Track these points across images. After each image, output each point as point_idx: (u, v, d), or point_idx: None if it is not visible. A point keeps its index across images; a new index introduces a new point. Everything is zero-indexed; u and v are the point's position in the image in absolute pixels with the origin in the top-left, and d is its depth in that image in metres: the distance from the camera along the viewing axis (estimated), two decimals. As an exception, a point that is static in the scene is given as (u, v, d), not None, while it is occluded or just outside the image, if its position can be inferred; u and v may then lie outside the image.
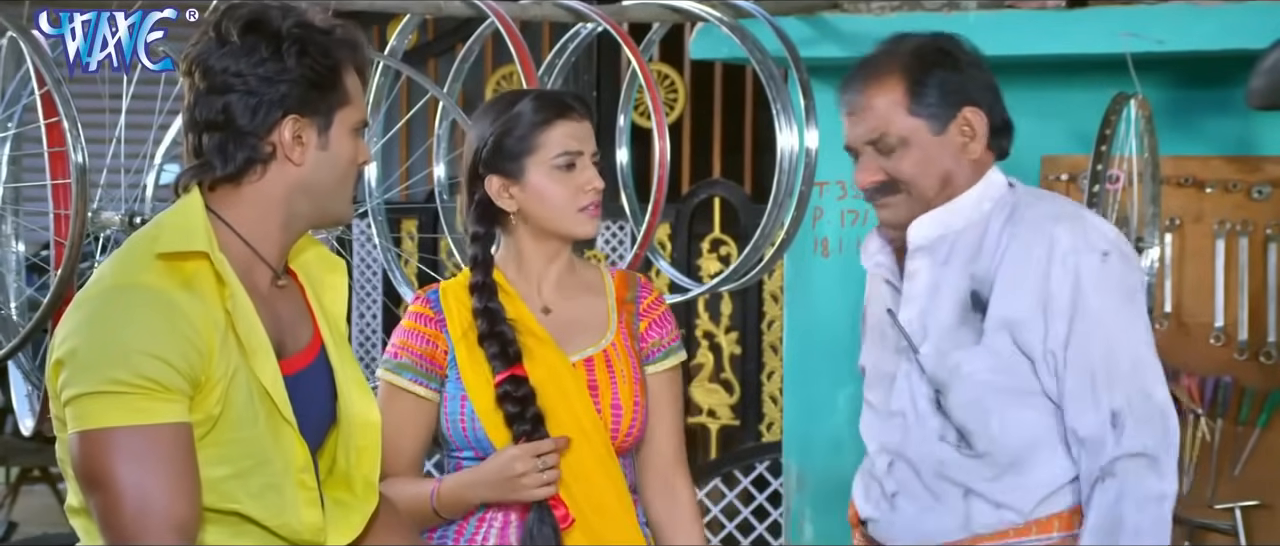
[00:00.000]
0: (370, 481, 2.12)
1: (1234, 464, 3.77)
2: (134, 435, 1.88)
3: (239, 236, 2.00)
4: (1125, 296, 2.31)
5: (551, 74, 3.38)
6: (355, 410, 2.10)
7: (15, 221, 2.92)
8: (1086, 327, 2.28)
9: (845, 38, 3.78)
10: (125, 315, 1.91)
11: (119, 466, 1.88)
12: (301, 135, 2.00)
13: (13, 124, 2.83)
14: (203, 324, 1.93)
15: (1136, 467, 2.27)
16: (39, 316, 2.67)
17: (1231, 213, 3.78)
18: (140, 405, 1.88)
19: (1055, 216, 2.34)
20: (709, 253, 5.37)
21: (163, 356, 1.89)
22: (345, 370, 2.11)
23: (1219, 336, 3.78)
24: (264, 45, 1.96)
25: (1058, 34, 3.64)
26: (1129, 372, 2.29)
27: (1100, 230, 2.34)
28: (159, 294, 1.92)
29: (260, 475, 1.98)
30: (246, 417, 1.97)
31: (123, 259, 1.98)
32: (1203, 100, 3.75)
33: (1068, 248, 2.30)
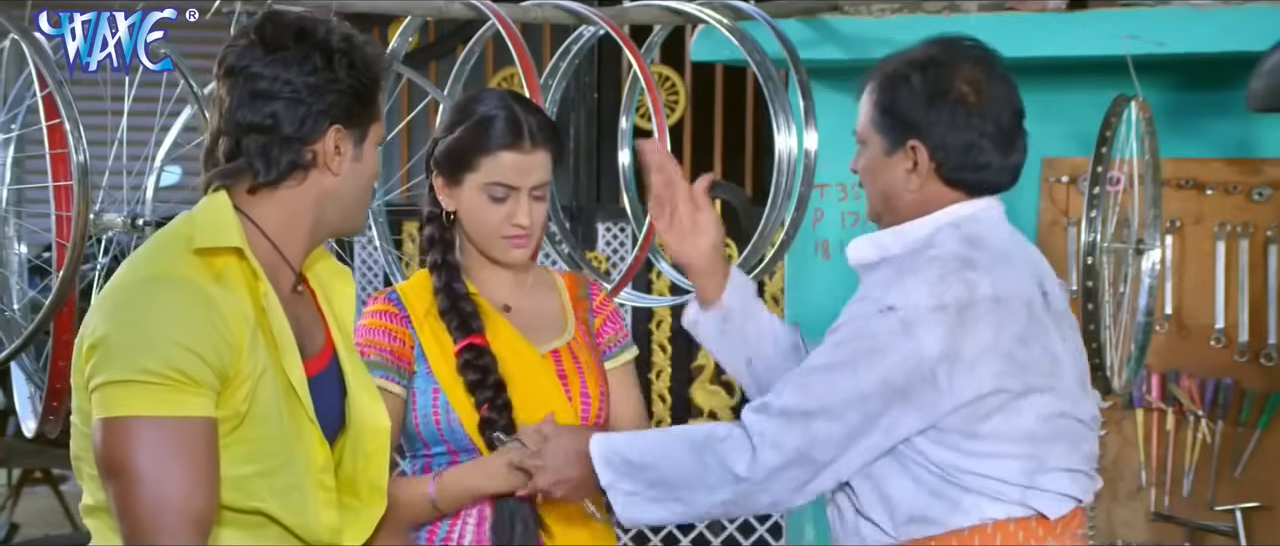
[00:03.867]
0: (377, 486, 2.14)
1: (1234, 465, 3.77)
2: (158, 425, 1.89)
3: (266, 237, 2.03)
4: (867, 351, 2.23)
5: (554, 76, 3.38)
6: (365, 415, 2.12)
7: (17, 223, 2.92)
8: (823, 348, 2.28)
9: (845, 40, 3.79)
10: (159, 305, 1.92)
11: (140, 455, 1.89)
12: (340, 146, 2.04)
13: (15, 125, 2.83)
14: (234, 319, 1.94)
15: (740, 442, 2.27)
16: (41, 318, 2.67)
17: (1232, 214, 3.78)
18: (167, 396, 1.89)
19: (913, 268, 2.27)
20: (710, 254, 5.37)
21: (194, 349, 1.90)
22: (356, 375, 2.14)
23: (1219, 338, 3.78)
24: (316, 55, 2.00)
25: (1058, 36, 3.64)
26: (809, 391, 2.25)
27: (908, 290, 2.23)
28: (194, 286, 1.94)
29: (284, 474, 2.00)
30: (272, 416, 1.99)
31: (156, 251, 2.00)
32: (1203, 102, 3.75)
33: (862, 294, 2.30)
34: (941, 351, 2.23)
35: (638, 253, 3.24)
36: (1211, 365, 3.77)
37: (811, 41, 3.73)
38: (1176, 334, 3.82)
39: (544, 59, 3.65)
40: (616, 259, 5.28)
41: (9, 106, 2.83)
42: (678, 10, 3.34)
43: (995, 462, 2.29)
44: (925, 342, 2.23)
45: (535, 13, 3.28)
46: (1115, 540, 3.88)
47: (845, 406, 2.25)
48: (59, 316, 2.70)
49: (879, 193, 2.39)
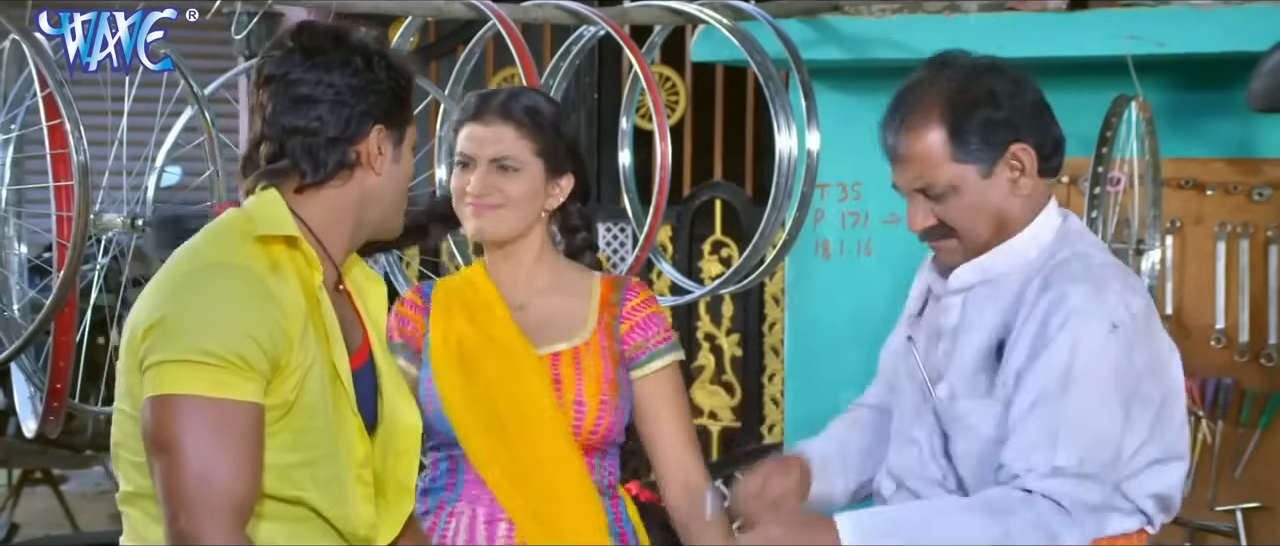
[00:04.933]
0: (405, 486, 2.16)
1: (1235, 466, 3.77)
2: (210, 406, 1.91)
3: (312, 234, 2.06)
4: (1117, 373, 2.22)
5: (554, 77, 3.39)
6: (398, 414, 2.15)
7: (18, 223, 2.92)
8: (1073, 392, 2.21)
9: (846, 40, 3.79)
10: (220, 290, 1.95)
11: (189, 434, 1.91)
12: (382, 146, 2.08)
13: (15, 126, 2.83)
14: (290, 309, 1.98)
15: (1053, 511, 2.20)
16: (41, 318, 2.67)
17: (1232, 215, 3.78)
18: (221, 378, 1.92)
19: (1077, 277, 2.25)
20: (710, 254, 5.38)
21: (253, 335, 1.93)
22: (389, 375, 2.16)
23: (1220, 338, 3.78)
24: (356, 58, 2.05)
25: (1058, 36, 3.64)
26: (1088, 444, 2.21)
27: (1117, 303, 2.24)
28: (254, 274, 1.97)
29: (327, 466, 2.02)
30: (319, 407, 2.01)
31: (214, 240, 2.03)
32: (1203, 102, 3.75)
33: (1077, 308, 2.22)
34: (1146, 364, 2.27)
35: (638, 253, 3.24)
36: (1212, 365, 3.77)
37: (812, 41, 3.73)
38: (1177, 334, 3.81)
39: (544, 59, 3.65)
40: (616, 259, 5.28)
41: (9, 107, 2.83)
42: (678, 10, 3.34)
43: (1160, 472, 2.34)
44: (1135, 357, 2.25)
45: (536, 13, 3.28)
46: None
47: (1115, 434, 2.24)
48: (59, 317, 2.70)
49: (988, 220, 2.29)
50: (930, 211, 2.30)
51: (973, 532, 2.19)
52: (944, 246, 2.34)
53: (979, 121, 2.26)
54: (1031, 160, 2.29)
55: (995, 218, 2.29)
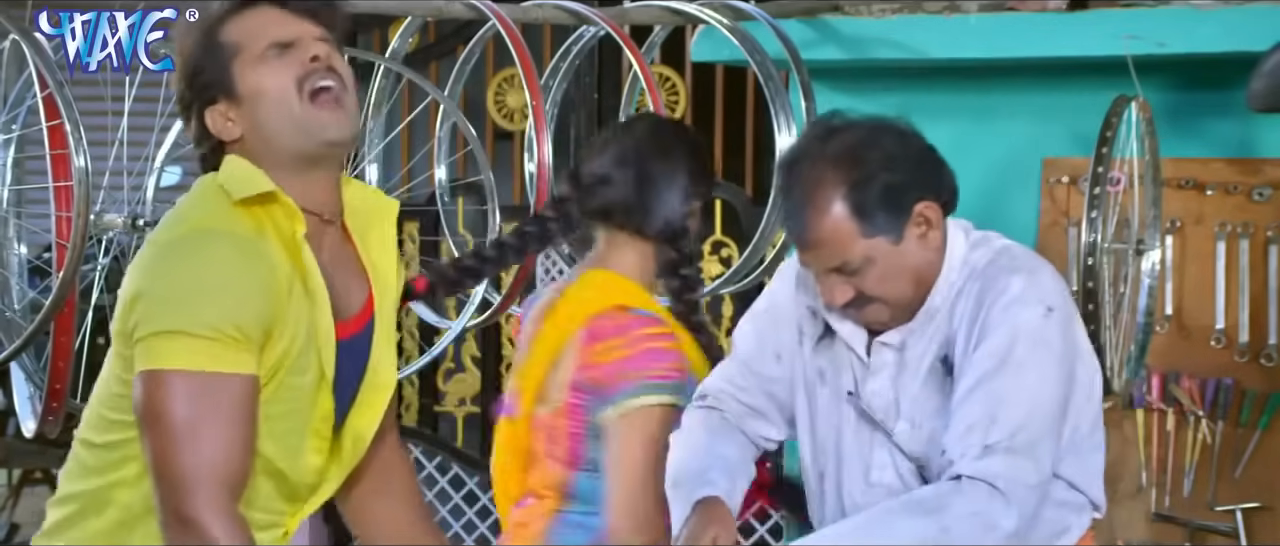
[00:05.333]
0: (362, 436, 2.13)
1: (1235, 466, 3.77)
2: (202, 381, 1.90)
3: None
4: (1055, 355, 2.24)
5: (554, 77, 3.38)
6: (379, 369, 2.13)
7: (18, 224, 2.92)
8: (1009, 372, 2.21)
9: (846, 40, 3.78)
10: (208, 258, 1.94)
11: (180, 409, 1.90)
12: (226, 113, 2.05)
13: (16, 126, 2.83)
14: (279, 271, 1.96)
15: (985, 493, 2.18)
16: (41, 318, 2.67)
17: (1232, 215, 3.78)
18: (214, 352, 1.90)
19: (1009, 269, 2.28)
20: (710, 255, 5.37)
21: (243, 303, 1.92)
22: (383, 329, 2.13)
23: (1220, 338, 3.78)
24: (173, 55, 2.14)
25: (1059, 36, 3.64)
26: (1021, 420, 2.21)
27: (1050, 288, 2.28)
28: (244, 240, 1.95)
29: (288, 420, 2.02)
30: (301, 365, 2.00)
31: (196, 206, 2.02)
32: (1204, 103, 3.74)
33: (1014, 297, 2.24)
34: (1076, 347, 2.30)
35: (638, 253, 3.23)
36: (1212, 365, 3.77)
37: (812, 42, 3.72)
38: (1177, 334, 3.81)
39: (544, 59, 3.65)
40: (617, 259, 5.28)
41: (9, 107, 2.83)
42: (678, 10, 3.33)
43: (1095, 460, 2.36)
44: (1074, 336, 2.29)
45: (535, 13, 3.28)
46: (1115, 540, 3.87)
47: (1053, 415, 2.24)
48: (59, 317, 2.70)
49: (907, 281, 2.28)
50: (847, 285, 2.28)
51: (911, 535, 2.18)
52: (867, 312, 2.31)
53: (878, 194, 2.24)
54: (936, 214, 2.29)
55: (913, 276, 2.29)
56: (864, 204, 2.24)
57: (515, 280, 3.01)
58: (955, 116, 3.99)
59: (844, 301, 2.29)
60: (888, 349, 2.33)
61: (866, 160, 2.26)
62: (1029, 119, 3.96)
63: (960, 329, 2.28)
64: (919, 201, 2.28)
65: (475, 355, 5.56)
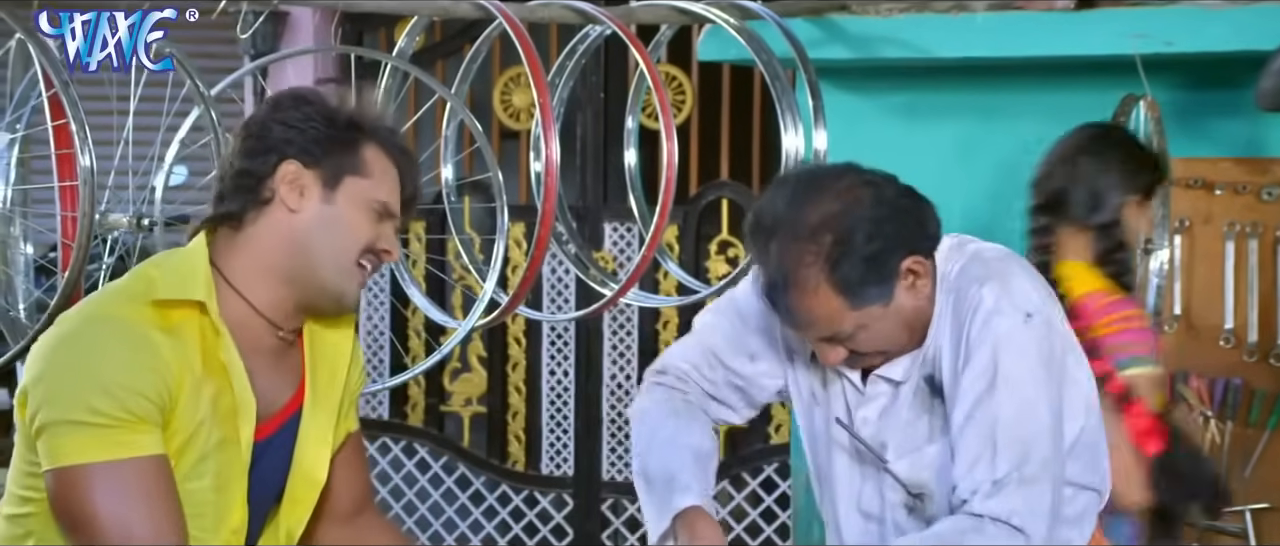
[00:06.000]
0: (292, 533, 2.12)
1: (1244, 466, 3.76)
2: (115, 470, 1.89)
3: (234, 289, 2.01)
4: (1042, 361, 2.20)
5: (560, 76, 3.38)
6: (305, 465, 2.10)
7: (23, 223, 2.92)
8: (1000, 392, 2.17)
9: (853, 39, 3.78)
10: (98, 345, 1.92)
11: (101, 503, 1.88)
12: (302, 183, 2.02)
13: (21, 126, 2.83)
14: (176, 366, 1.93)
15: (1004, 533, 2.15)
16: (47, 318, 2.66)
17: (1241, 214, 3.77)
18: (120, 438, 1.89)
19: (981, 279, 2.22)
20: (717, 254, 5.37)
21: (137, 388, 1.90)
22: (313, 424, 2.10)
23: (1228, 338, 3.77)
24: (289, 101, 2.04)
25: (1066, 35, 3.63)
26: (1026, 442, 2.17)
27: (1025, 292, 2.22)
28: (133, 328, 1.92)
29: (191, 526, 1.97)
30: (198, 472, 1.98)
31: (109, 294, 2.01)
32: (1212, 102, 3.73)
33: (990, 309, 2.19)
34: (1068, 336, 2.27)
35: (645, 253, 3.23)
36: (1220, 365, 3.76)
37: (819, 40, 3.71)
38: (1185, 334, 3.80)
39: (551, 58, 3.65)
40: (623, 259, 5.27)
41: (15, 106, 2.83)
42: (685, 10, 3.33)
43: None
44: (1061, 331, 2.25)
45: (542, 12, 3.27)
46: (1124, 541, 3.86)
47: (1052, 425, 2.20)
48: (65, 317, 2.69)
49: (903, 330, 2.23)
50: (841, 348, 2.24)
51: None
52: (865, 361, 2.27)
53: (863, 266, 2.16)
54: (924, 264, 2.22)
55: (907, 325, 2.24)
56: (850, 280, 2.16)
57: (522, 281, 3.01)
58: (962, 115, 3.98)
59: (838, 361, 2.26)
60: (884, 381, 2.29)
61: (846, 232, 2.16)
62: (1036, 118, 3.94)
63: (943, 347, 2.23)
64: (905, 259, 2.20)
65: (482, 355, 5.55)
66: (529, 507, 5.47)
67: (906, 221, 2.21)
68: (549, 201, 2.96)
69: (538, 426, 5.46)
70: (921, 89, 3.96)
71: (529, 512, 5.47)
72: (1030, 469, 2.16)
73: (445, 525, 5.55)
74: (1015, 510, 2.15)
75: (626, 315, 5.35)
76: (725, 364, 2.42)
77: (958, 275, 2.24)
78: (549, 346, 5.44)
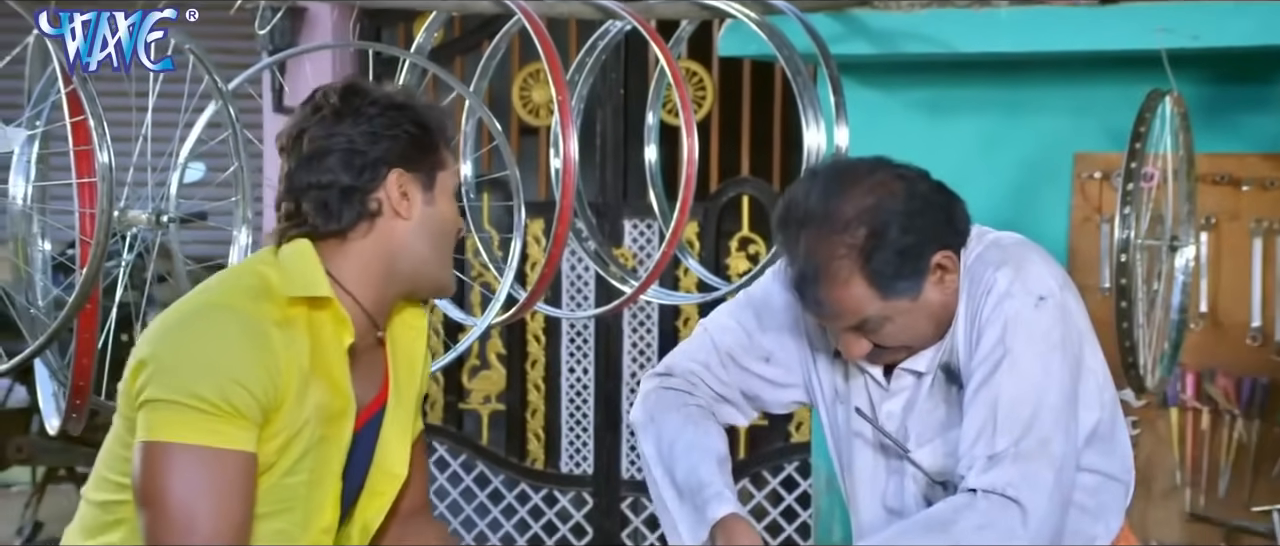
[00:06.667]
0: (368, 526, 2.15)
1: (1271, 465, 3.73)
2: (197, 454, 1.91)
3: (345, 290, 2.04)
4: (1051, 345, 2.17)
5: (580, 72, 3.36)
6: (388, 460, 2.13)
7: (42, 219, 2.91)
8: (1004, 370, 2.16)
9: (875, 34, 3.75)
10: (216, 333, 1.95)
11: (175, 483, 1.91)
12: (407, 190, 2.05)
13: (40, 122, 2.82)
14: (288, 367, 1.97)
15: (998, 505, 2.13)
16: (65, 315, 2.66)
17: (1268, 210, 3.74)
18: (213, 426, 1.92)
19: (997, 263, 2.21)
20: (737, 251, 5.35)
21: (246, 383, 1.93)
22: (396, 419, 2.14)
23: (1256, 336, 3.73)
24: (366, 107, 2.04)
25: (1091, 30, 3.60)
26: (1027, 419, 2.15)
27: (1040, 276, 2.20)
28: (253, 321, 1.96)
29: (280, 520, 2.02)
30: (298, 467, 2.00)
31: (230, 283, 2.03)
32: (1239, 97, 3.70)
33: (1003, 290, 2.18)
34: (1085, 326, 2.23)
35: (665, 249, 3.21)
36: (1247, 363, 3.73)
37: (840, 36, 3.69)
38: (1212, 332, 3.78)
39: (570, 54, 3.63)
40: (643, 256, 5.26)
41: (34, 103, 2.82)
42: (706, 4, 3.30)
43: None
44: (1077, 319, 2.21)
45: (561, 8, 3.25)
46: (1150, 540, 3.84)
47: (1060, 406, 2.17)
48: (83, 314, 2.68)
49: (929, 324, 2.23)
50: (865, 340, 2.23)
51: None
52: (888, 356, 2.27)
53: (894, 260, 2.17)
54: (952, 260, 2.22)
55: (933, 319, 2.23)
56: (883, 273, 2.17)
57: (540, 278, 2.99)
58: (986, 111, 3.96)
59: (862, 355, 2.25)
60: (909, 373, 2.28)
61: (881, 226, 2.17)
62: (1061, 114, 3.92)
63: (959, 334, 2.23)
64: (936, 254, 2.20)
65: (501, 352, 5.54)
66: (548, 506, 5.46)
67: (939, 216, 2.21)
68: (567, 197, 2.94)
69: (557, 424, 5.44)
70: (944, 84, 3.94)
71: (548, 511, 5.45)
72: (1027, 444, 2.14)
73: (464, 523, 5.54)
74: (1009, 482, 2.13)
75: (646, 312, 5.33)
76: (739, 364, 2.40)
77: (975, 261, 2.24)
78: (568, 344, 5.42)
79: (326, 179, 2.02)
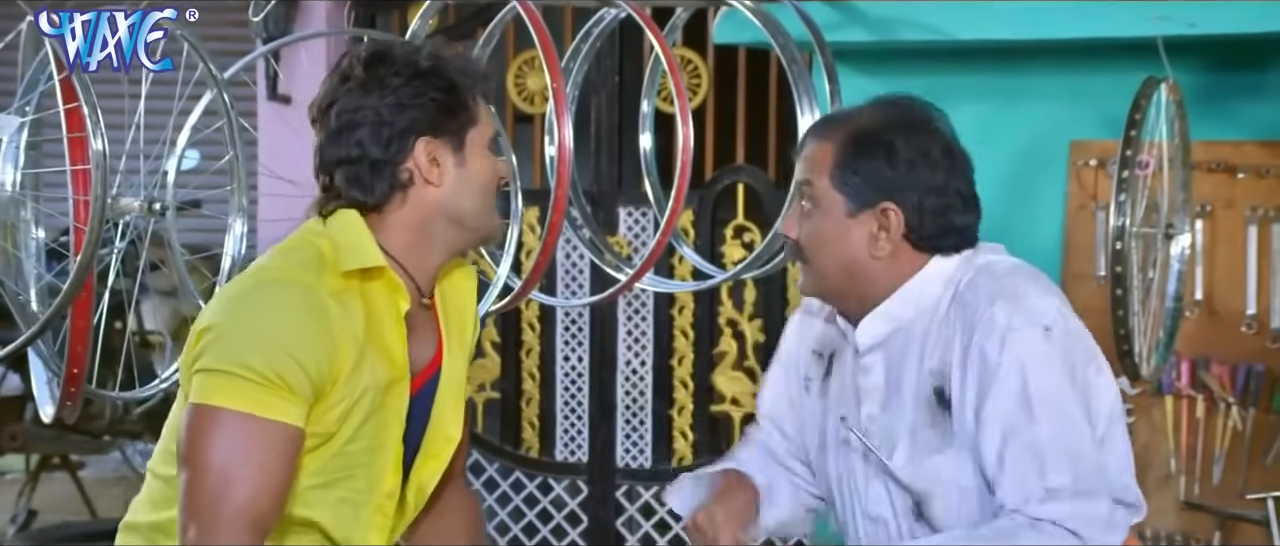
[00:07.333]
0: (424, 488, 2.16)
1: (1266, 453, 3.73)
2: (242, 421, 1.93)
3: (393, 258, 2.05)
4: (1068, 373, 2.18)
5: (575, 59, 3.35)
6: (443, 422, 2.15)
7: (35, 207, 2.90)
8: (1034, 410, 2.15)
9: (871, 22, 3.75)
10: (275, 307, 1.97)
11: (216, 447, 1.93)
12: (437, 157, 2.05)
13: (31, 109, 2.81)
14: (345, 340, 1.98)
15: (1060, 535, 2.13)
16: (59, 303, 2.65)
17: (1264, 198, 3.74)
18: (261, 397, 1.93)
19: (991, 297, 2.20)
20: (732, 239, 5.33)
21: (299, 357, 1.94)
22: (450, 382, 2.15)
23: (1251, 324, 3.74)
24: (389, 77, 2.03)
25: (1087, 17, 3.60)
26: (1074, 453, 2.15)
27: (1038, 306, 2.19)
28: (314, 296, 1.98)
29: (343, 488, 2.04)
30: (359, 434, 2.02)
31: (288, 254, 2.04)
32: (1234, 84, 3.70)
33: (1005, 325, 2.17)
34: (1091, 345, 2.22)
35: (660, 237, 3.21)
36: (1242, 351, 3.74)
37: (836, 23, 3.69)
38: (1207, 319, 3.78)
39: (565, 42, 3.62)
40: (638, 244, 5.25)
41: (25, 90, 2.81)
42: (701, -8, 3.30)
43: None
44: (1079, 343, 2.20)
45: (556, -6, 3.24)
46: (1144, 528, 3.84)
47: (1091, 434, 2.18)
48: (76, 301, 2.67)
49: (837, 261, 2.25)
50: (794, 220, 2.29)
51: None
52: (804, 274, 2.31)
53: (866, 165, 2.23)
54: (897, 224, 2.22)
55: (846, 264, 2.25)
56: (850, 160, 2.23)
57: (535, 266, 2.98)
58: (982, 99, 3.95)
59: (789, 232, 2.30)
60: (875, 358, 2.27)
61: (883, 137, 2.23)
62: (1056, 101, 3.92)
63: (953, 362, 2.21)
64: (890, 202, 2.22)
65: (496, 340, 5.53)
66: (543, 494, 5.46)
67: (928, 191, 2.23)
68: (562, 185, 2.94)
69: (552, 412, 5.44)
70: (940, 72, 3.94)
71: (543, 499, 5.45)
72: (1085, 483, 2.15)
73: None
74: (1070, 516, 2.14)
75: (641, 300, 5.32)
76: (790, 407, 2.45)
77: (966, 287, 2.23)
78: (563, 332, 5.42)
79: (356, 153, 2.02)
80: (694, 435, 5.23)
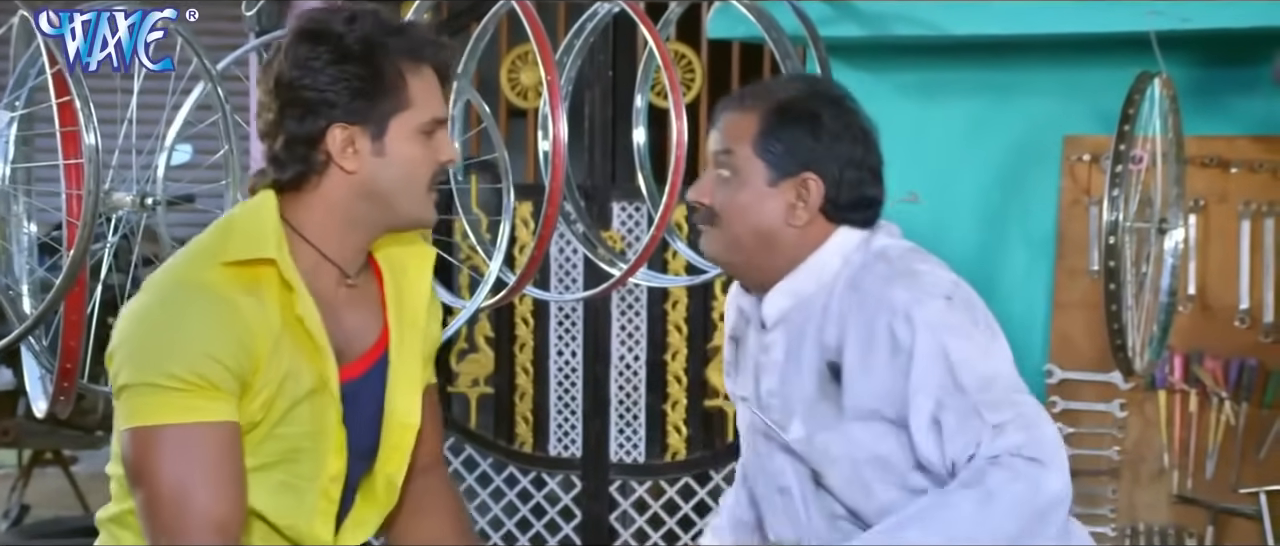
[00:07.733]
0: (392, 479, 2.13)
1: (1258, 447, 3.74)
2: (181, 432, 1.92)
3: (305, 240, 2.02)
4: (979, 328, 2.21)
5: (568, 54, 3.35)
6: (397, 410, 2.11)
7: (27, 201, 2.90)
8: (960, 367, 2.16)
9: (864, 17, 3.74)
10: (183, 312, 1.95)
11: (163, 463, 1.92)
12: (353, 141, 2.00)
13: (20, 104, 2.80)
14: (258, 328, 1.96)
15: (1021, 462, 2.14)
16: (51, 298, 2.65)
17: (1257, 193, 3.74)
18: (190, 403, 1.92)
19: (887, 278, 2.22)
20: (725, 234, 5.34)
21: (216, 356, 1.92)
22: (401, 368, 2.11)
23: (1243, 319, 3.74)
24: (312, 58, 1.99)
25: (1081, 12, 3.60)
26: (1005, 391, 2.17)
27: (934, 279, 2.23)
28: (218, 294, 1.95)
29: (281, 472, 2.02)
30: (291, 418, 2.00)
31: (190, 256, 2.02)
32: (1228, 79, 3.70)
33: (907, 301, 2.19)
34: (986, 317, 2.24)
35: (653, 232, 3.21)
36: (1235, 346, 3.74)
37: (830, 18, 3.69)
38: (1200, 314, 3.78)
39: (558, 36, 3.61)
40: (632, 239, 5.25)
41: (16, 84, 2.80)
42: (695, -14, 3.30)
43: None
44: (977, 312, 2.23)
45: (550, -11, 3.24)
46: (1137, 522, 3.85)
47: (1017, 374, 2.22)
48: (69, 296, 2.67)
49: (753, 229, 2.27)
50: (711, 191, 2.29)
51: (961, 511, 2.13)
52: (706, 231, 2.32)
53: (790, 135, 2.26)
54: (816, 194, 2.26)
55: (762, 232, 2.27)
56: (774, 129, 2.25)
57: (530, 261, 2.98)
58: (975, 94, 3.95)
59: (698, 200, 2.30)
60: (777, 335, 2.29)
61: (809, 108, 2.27)
62: (1050, 96, 3.92)
63: (847, 340, 2.22)
64: (811, 173, 2.25)
65: (489, 335, 5.53)
66: (537, 489, 5.46)
67: (849, 164, 2.27)
68: (556, 180, 2.94)
69: (545, 407, 5.44)
70: (934, 67, 3.93)
71: (536, 494, 5.45)
72: (1029, 415, 2.16)
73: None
74: (1024, 443, 2.15)
75: (635, 295, 5.32)
76: None
77: (860, 270, 2.25)
78: (557, 327, 5.41)
79: (273, 130, 2.00)
80: (688, 430, 5.24)
